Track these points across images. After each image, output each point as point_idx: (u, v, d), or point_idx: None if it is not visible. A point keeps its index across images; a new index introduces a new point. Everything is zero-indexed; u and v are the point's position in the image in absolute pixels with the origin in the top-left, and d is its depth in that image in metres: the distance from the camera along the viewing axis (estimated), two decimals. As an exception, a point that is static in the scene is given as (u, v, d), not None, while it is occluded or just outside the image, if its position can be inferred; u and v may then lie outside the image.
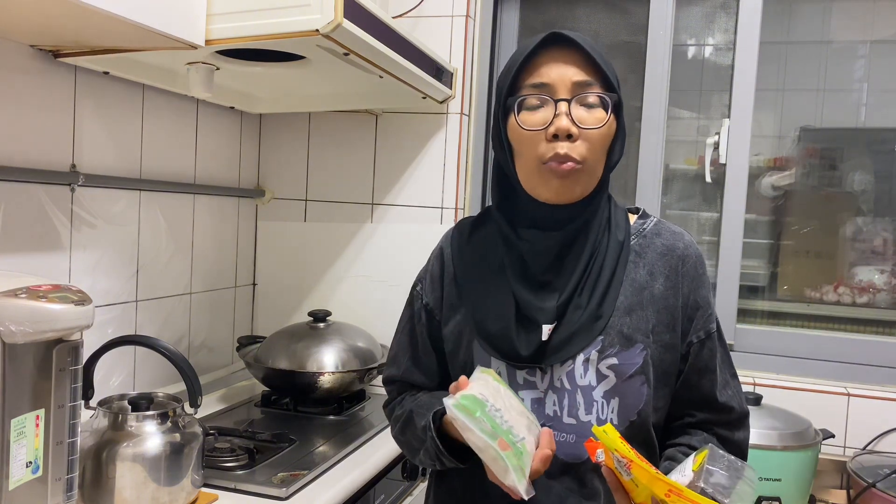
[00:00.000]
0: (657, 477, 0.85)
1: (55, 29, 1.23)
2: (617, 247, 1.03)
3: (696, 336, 1.05)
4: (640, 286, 1.03)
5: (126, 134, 1.62)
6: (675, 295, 1.03)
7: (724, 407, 1.06)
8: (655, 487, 0.84)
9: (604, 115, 0.97)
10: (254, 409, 1.80)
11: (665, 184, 2.07)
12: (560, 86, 0.97)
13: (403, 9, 1.99)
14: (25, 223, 1.37)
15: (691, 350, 1.05)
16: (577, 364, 1.00)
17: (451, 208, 2.01)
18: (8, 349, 0.94)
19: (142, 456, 1.15)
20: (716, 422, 1.07)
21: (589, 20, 2.14)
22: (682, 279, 1.04)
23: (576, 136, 0.96)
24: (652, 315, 1.02)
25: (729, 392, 1.07)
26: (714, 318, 1.07)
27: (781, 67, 2.11)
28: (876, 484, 1.57)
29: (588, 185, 1.01)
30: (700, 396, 1.06)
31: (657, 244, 1.06)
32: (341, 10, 1.20)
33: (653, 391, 1.02)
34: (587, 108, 0.97)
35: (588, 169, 0.99)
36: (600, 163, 1.01)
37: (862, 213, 2.08)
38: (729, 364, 1.10)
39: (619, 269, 1.03)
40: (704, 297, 1.06)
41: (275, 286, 2.17)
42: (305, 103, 1.97)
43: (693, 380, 1.06)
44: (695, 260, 1.06)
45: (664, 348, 1.02)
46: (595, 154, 0.99)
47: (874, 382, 1.87)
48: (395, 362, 1.18)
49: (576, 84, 0.97)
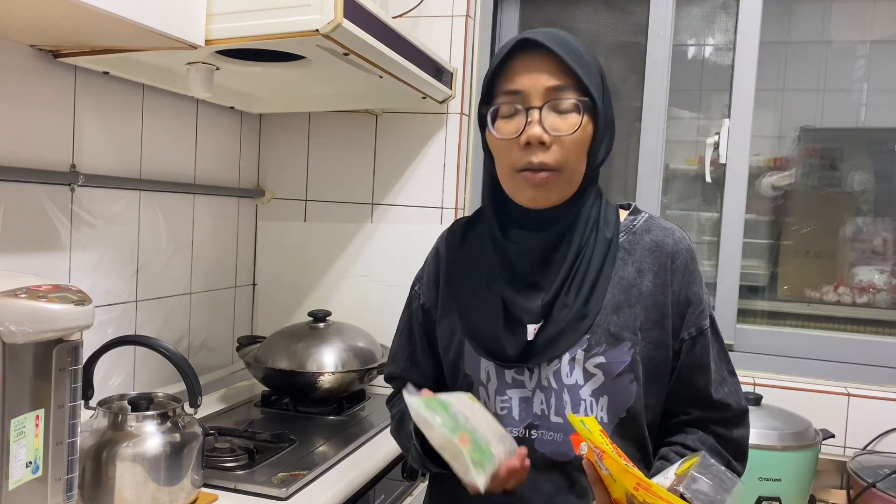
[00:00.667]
0: (627, 469, 0.84)
1: (55, 29, 1.23)
2: (604, 244, 1.03)
3: (687, 333, 1.04)
4: (628, 283, 1.02)
5: (126, 134, 1.62)
6: (665, 292, 1.03)
7: (720, 404, 1.05)
8: (625, 480, 0.84)
9: (577, 119, 0.96)
10: (254, 409, 1.80)
11: (665, 184, 2.07)
12: (533, 93, 0.97)
13: (403, 9, 1.99)
14: (25, 223, 1.37)
15: (683, 347, 1.04)
16: (563, 363, 1.00)
17: (451, 208, 2.01)
18: (8, 349, 0.94)
19: (142, 456, 1.15)
20: (712, 419, 1.06)
21: (589, 20, 2.14)
22: (671, 275, 1.03)
23: (549, 143, 0.96)
24: (640, 312, 1.02)
25: (725, 389, 1.06)
26: (707, 315, 1.06)
27: (781, 67, 2.11)
28: (876, 484, 1.57)
29: (568, 189, 1.01)
30: (694, 394, 1.05)
31: (646, 240, 1.05)
32: (341, 10, 1.20)
33: (643, 389, 1.01)
34: (560, 113, 0.96)
35: (566, 174, 0.99)
36: (580, 165, 1.00)
37: (862, 213, 2.08)
38: (726, 361, 1.09)
39: (607, 266, 1.02)
40: (696, 293, 1.04)
41: (275, 286, 2.17)
42: (305, 103, 1.97)
43: (686, 377, 1.05)
44: (685, 255, 1.05)
45: (654, 346, 1.02)
46: (572, 159, 0.98)
47: (874, 382, 1.87)
48: (394, 360, 1.22)
49: (548, 89, 0.96)
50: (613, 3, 2.11)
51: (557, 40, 0.97)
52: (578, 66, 0.96)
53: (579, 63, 0.96)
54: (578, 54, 0.97)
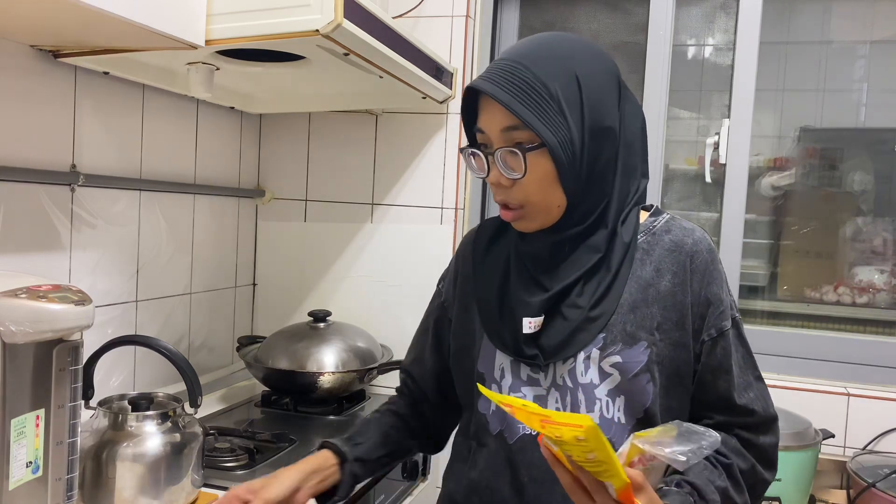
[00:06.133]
0: (532, 412, 0.82)
1: (55, 29, 1.23)
2: (622, 246, 1.02)
3: (707, 334, 1.01)
4: (646, 283, 1.01)
5: (126, 134, 1.62)
6: (684, 291, 1.01)
7: (745, 409, 1.02)
8: (533, 423, 0.82)
9: (521, 160, 0.95)
10: (254, 409, 1.80)
11: (665, 184, 2.07)
12: (491, 133, 0.98)
13: (403, 9, 1.99)
14: (25, 223, 1.37)
15: (703, 349, 1.01)
16: (578, 362, 1.00)
17: (451, 208, 2.01)
18: (8, 349, 0.94)
19: (142, 456, 1.15)
20: (737, 424, 1.03)
21: (589, 20, 2.14)
22: (691, 275, 1.01)
23: (508, 184, 0.97)
24: (658, 312, 1.00)
25: (750, 395, 1.03)
26: (728, 316, 1.03)
27: (781, 67, 2.11)
28: (876, 484, 1.57)
29: (546, 218, 1.00)
30: (717, 398, 1.03)
31: (665, 241, 1.04)
32: (341, 10, 1.20)
33: (662, 389, 1.00)
34: (513, 154, 0.96)
35: (533, 208, 0.99)
36: (550, 196, 0.98)
37: (862, 213, 2.08)
38: (752, 366, 1.05)
39: (624, 267, 1.01)
40: (716, 293, 1.02)
41: (275, 286, 2.17)
42: (305, 103, 1.97)
43: (708, 380, 1.02)
44: (706, 256, 1.03)
45: (673, 346, 1.00)
46: (533, 195, 0.98)
47: (874, 382, 1.87)
48: (409, 352, 1.27)
49: (502, 130, 0.96)
50: (613, 3, 2.11)
51: (507, 78, 0.94)
52: (528, 105, 0.93)
53: (530, 100, 0.93)
54: (531, 87, 0.94)
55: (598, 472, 0.82)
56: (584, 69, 0.97)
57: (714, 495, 0.96)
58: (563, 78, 0.95)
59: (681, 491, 0.94)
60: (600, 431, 0.77)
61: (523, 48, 0.98)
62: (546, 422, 0.80)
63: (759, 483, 1.03)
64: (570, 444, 0.80)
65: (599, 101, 0.97)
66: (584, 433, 0.77)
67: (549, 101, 0.94)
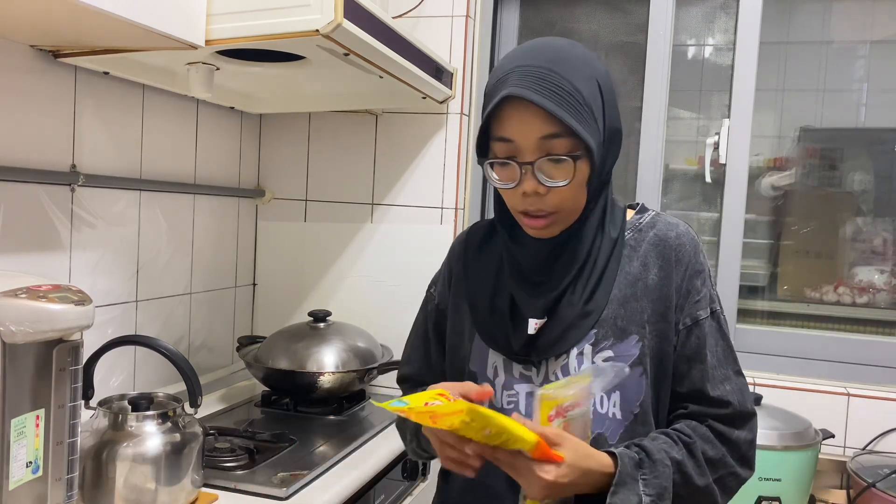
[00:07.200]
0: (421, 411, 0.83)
1: (55, 29, 1.23)
2: (610, 244, 1.03)
3: (682, 323, 1.02)
4: (634, 278, 1.03)
5: (126, 134, 1.62)
6: (669, 284, 1.03)
7: (719, 401, 1.01)
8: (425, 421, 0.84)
9: (571, 168, 0.94)
10: (254, 409, 1.80)
11: (665, 184, 2.07)
12: (524, 144, 0.94)
13: (403, 9, 1.99)
14: (25, 223, 1.37)
15: (679, 337, 1.02)
16: (570, 358, 1.01)
17: (451, 208, 2.01)
18: (8, 349, 0.94)
19: (142, 456, 1.15)
20: (710, 414, 1.02)
21: (589, 20, 2.14)
22: (675, 267, 1.03)
23: (544, 192, 0.96)
24: (647, 305, 1.02)
25: (727, 387, 1.02)
26: (704, 306, 1.03)
27: (781, 67, 2.11)
28: (876, 484, 1.57)
29: (568, 220, 1.02)
30: (691, 388, 1.02)
31: (650, 236, 1.06)
32: (341, 10, 1.20)
33: (653, 381, 1.01)
34: (554, 162, 0.94)
35: (565, 213, 1.00)
36: (580, 197, 1.00)
37: (862, 213, 2.08)
38: (733, 360, 1.05)
39: (612, 263, 1.03)
40: (696, 284, 1.03)
41: (275, 286, 2.17)
42: (305, 103, 1.97)
43: (682, 369, 1.03)
44: (689, 248, 1.04)
45: (660, 338, 1.02)
46: (569, 200, 0.98)
47: (874, 382, 1.87)
48: (408, 362, 1.23)
49: (540, 139, 0.93)
50: (613, 3, 2.11)
51: (546, 86, 0.92)
52: (570, 113, 0.92)
53: (570, 107, 0.92)
54: (569, 93, 0.92)
55: (504, 442, 0.84)
56: (599, 73, 0.98)
57: (665, 461, 0.95)
58: (590, 83, 0.95)
59: (628, 451, 0.95)
60: (479, 407, 0.79)
61: (546, 53, 0.95)
62: (434, 417, 0.82)
63: (730, 476, 1.01)
64: (465, 429, 0.82)
65: (612, 105, 1.00)
66: (468, 415, 0.79)
67: (585, 106, 0.94)
